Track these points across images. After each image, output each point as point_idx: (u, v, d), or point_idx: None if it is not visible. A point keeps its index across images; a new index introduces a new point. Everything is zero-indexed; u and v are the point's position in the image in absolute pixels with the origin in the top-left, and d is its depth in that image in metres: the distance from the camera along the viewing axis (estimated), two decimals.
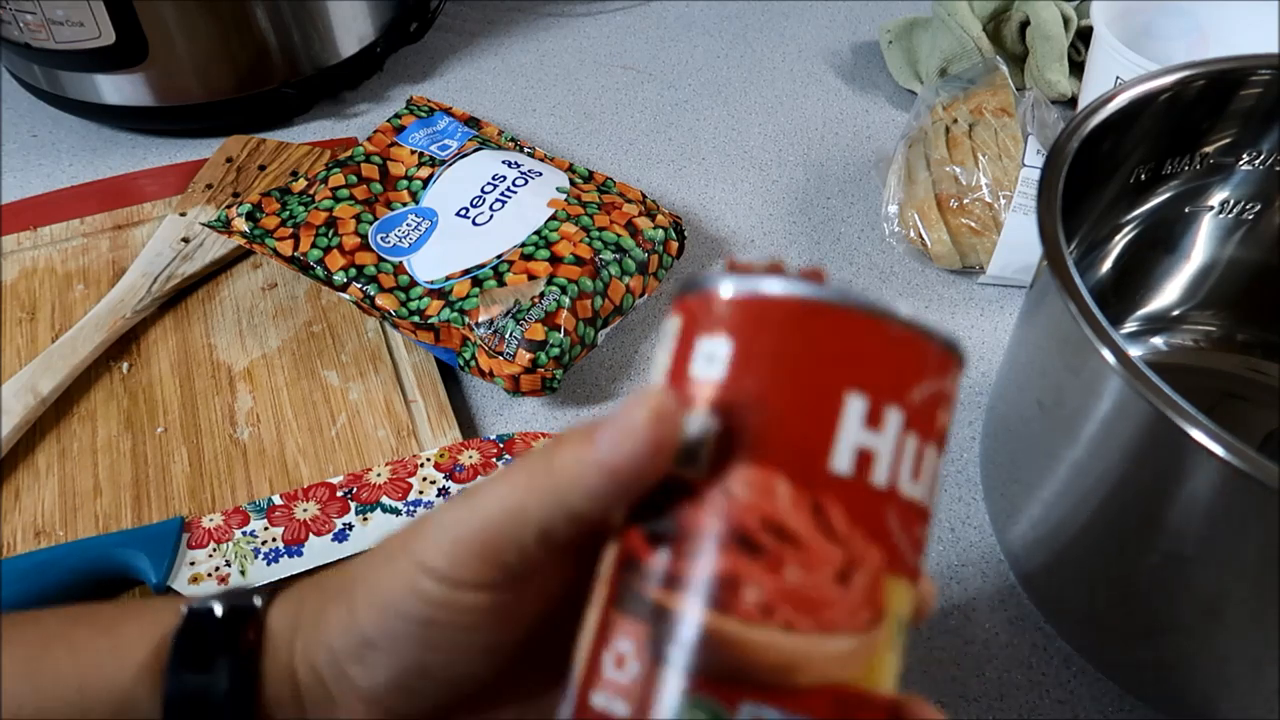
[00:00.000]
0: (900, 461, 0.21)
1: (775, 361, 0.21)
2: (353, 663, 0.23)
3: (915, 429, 0.21)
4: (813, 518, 0.20)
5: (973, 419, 0.51)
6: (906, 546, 0.21)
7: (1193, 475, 0.31)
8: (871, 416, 0.20)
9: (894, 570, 0.20)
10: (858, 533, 0.20)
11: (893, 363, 0.21)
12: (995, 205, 0.56)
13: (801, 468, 0.20)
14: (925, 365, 0.21)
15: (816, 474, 0.20)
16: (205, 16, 0.61)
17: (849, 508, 0.20)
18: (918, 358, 0.21)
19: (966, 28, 0.66)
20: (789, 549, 0.20)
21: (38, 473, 0.48)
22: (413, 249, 0.53)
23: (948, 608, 0.44)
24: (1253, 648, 0.34)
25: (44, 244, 0.59)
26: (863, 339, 0.21)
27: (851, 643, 0.20)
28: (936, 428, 0.21)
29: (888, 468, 0.20)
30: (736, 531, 0.20)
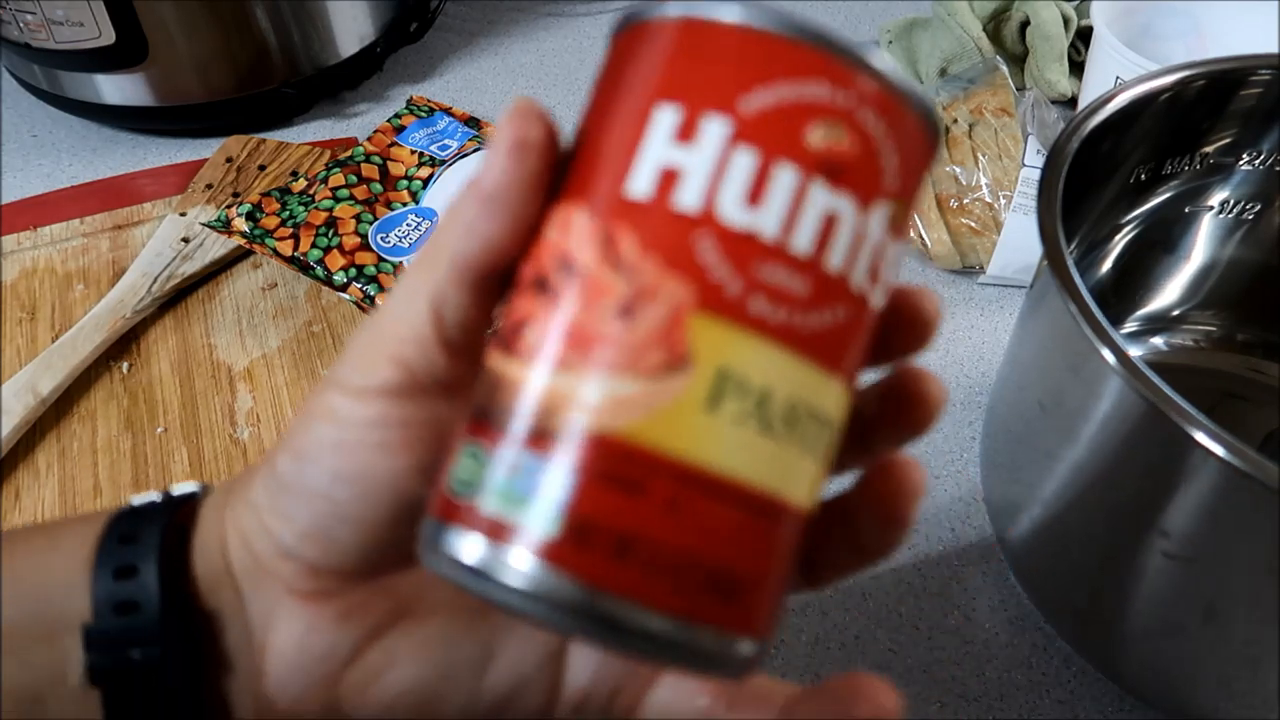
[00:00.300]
0: (721, 180, 0.17)
1: (599, 88, 0.19)
2: (272, 515, 0.22)
3: (753, 141, 0.17)
4: (600, 249, 0.17)
5: (973, 419, 0.51)
6: (741, 287, 0.17)
7: (1193, 475, 0.31)
8: (682, 129, 0.17)
9: (711, 309, 0.17)
10: (652, 264, 0.17)
11: (719, 61, 0.17)
12: (995, 205, 0.56)
13: (600, 198, 0.18)
14: (772, 67, 0.17)
15: (612, 202, 0.18)
16: (205, 16, 0.61)
17: (645, 236, 0.17)
18: (761, 58, 0.17)
19: (966, 28, 0.66)
20: (570, 282, 0.18)
21: (38, 473, 0.48)
22: (413, 249, 0.53)
23: (948, 608, 0.44)
24: (1253, 648, 0.34)
25: (44, 244, 0.59)
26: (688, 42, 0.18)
27: (629, 387, 0.17)
28: (803, 145, 0.17)
29: (700, 188, 0.17)
30: (537, 275, 0.18)
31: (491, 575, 0.17)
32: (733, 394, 0.17)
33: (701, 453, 0.17)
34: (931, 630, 0.43)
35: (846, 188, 0.17)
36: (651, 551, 0.17)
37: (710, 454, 0.17)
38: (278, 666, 0.23)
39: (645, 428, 0.17)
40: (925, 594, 0.44)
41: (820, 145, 0.17)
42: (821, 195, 0.17)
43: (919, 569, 0.45)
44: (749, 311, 0.17)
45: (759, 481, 0.17)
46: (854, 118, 0.17)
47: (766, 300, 0.17)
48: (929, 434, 0.50)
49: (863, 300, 0.18)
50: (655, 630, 0.17)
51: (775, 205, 0.17)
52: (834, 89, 0.17)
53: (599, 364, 0.17)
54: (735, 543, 0.17)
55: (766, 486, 0.17)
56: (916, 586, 0.45)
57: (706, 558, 0.17)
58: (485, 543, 0.17)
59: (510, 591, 0.17)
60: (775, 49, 0.17)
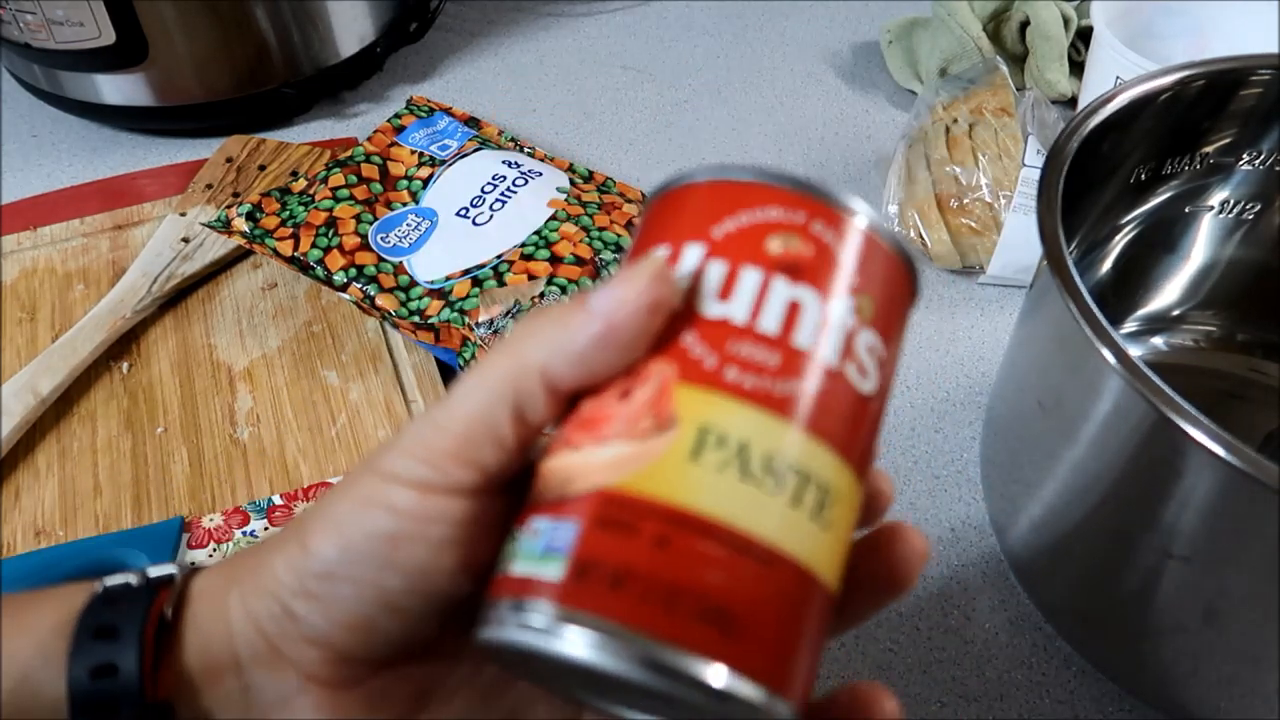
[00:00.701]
0: (699, 285, 0.21)
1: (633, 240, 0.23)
2: (302, 600, 0.21)
3: (721, 255, 0.21)
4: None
5: (973, 419, 0.51)
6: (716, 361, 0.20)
7: (1193, 475, 0.31)
8: (670, 258, 0.22)
9: (691, 380, 0.20)
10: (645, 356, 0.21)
11: (698, 208, 0.22)
12: (995, 205, 0.56)
13: None
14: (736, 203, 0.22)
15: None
16: (205, 16, 0.61)
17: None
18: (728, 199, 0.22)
19: (966, 28, 0.66)
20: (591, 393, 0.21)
21: (38, 473, 0.48)
22: (413, 249, 0.53)
23: (948, 608, 0.44)
24: (1253, 648, 0.34)
25: (44, 244, 0.59)
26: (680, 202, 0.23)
27: (624, 449, 0.20)
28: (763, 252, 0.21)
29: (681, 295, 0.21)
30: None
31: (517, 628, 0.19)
32: (713, 446, 0.20)
33: (687, 496, 0.19)
34: (931, 630, 0.43)
35: (805, 281, 0.21)
36: (645, 582, 0.19)
37: (694, 497, 0.19)
38: None
39: (637, 479, 0.19)
40: (925, 594, 0.44)
41: (778, 251, 0.21)
42: (783, 287, 0.21)
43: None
44: (725, 379, 0.20)
45: (745, 523, 0.19)
46: (806, 229, 0.21)
47: (739, 369, 0.20)
48: (929, 434, 0.50)
49: (839, 375, 0.21)
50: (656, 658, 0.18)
51: (743, 297, 0.21)
52: (785, 210, 0.21)
53: (602, 437, 0.20)
54: (723, 577, 0.19)
55: (753, 529, 0.19)
56: (916, 586, 0.44)
57: (696, 589, 0.19)
58: (512, 603, 0.20)
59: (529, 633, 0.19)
60: (735, 191, 0.22)
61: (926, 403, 0.52)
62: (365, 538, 0.21)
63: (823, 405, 0.21)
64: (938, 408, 0.52)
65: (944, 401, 0.52)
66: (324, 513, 0.22)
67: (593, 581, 0.19)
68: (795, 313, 0.21)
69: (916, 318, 0.56)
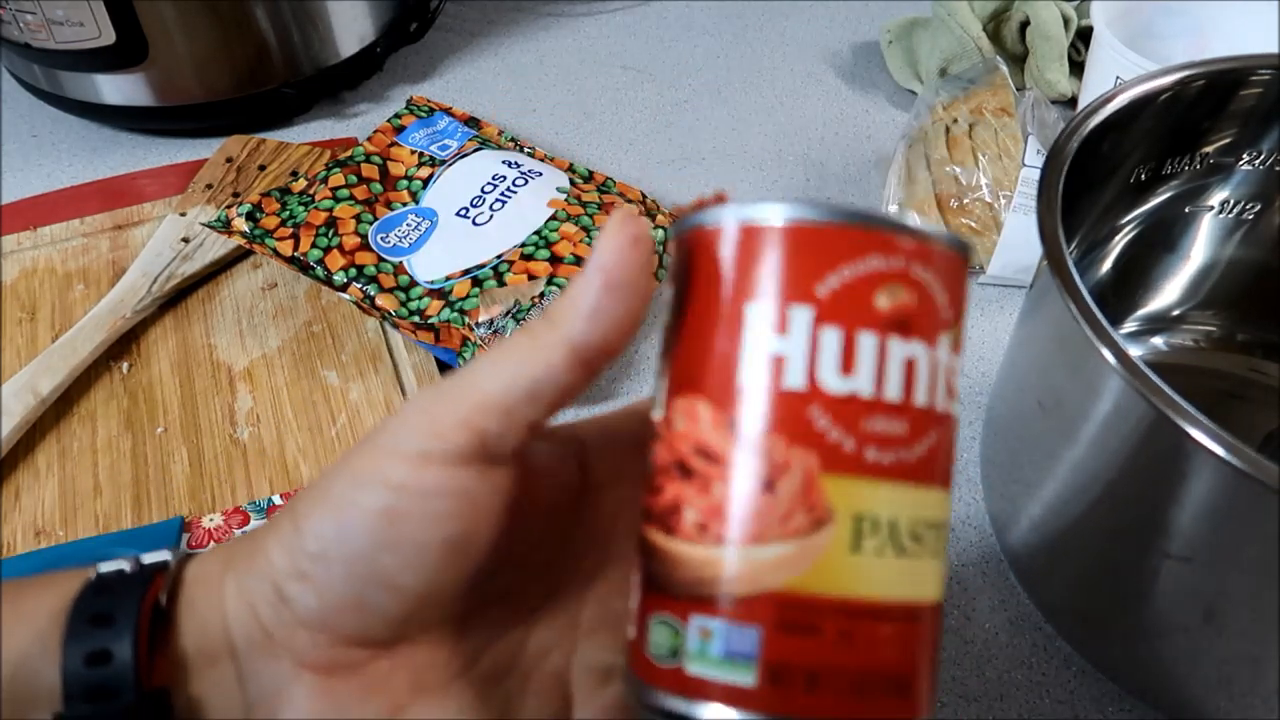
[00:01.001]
0: (818, 358, 0.20)
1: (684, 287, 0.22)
2: (296, 581, 0.21)
3: (835, 321, 0.20)
4: (732, 434, 0.21)
5: (973, 419, 0.51)
6: (854, 443, 0.20)
7: (1193, 475, 0.31)
8: (779, 324, 0.21)
9: (836, 469, 0.20)
10: (776, 440, 0.20)
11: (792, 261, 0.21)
12: (995, 205, 0.56)
13: (719, 389, 0.21)
14: (833, 255, 0.21)
15: (731, 391, 0.21)
16: (205, 16, 0.61)
17: (765, 417, 0.20)
18: (821, 249, 0.21)
19: (966, 28, 0.66)
20: (713, 468, 0.21)
21: (38, 473, 0.48)
22: (413, 249, 0.53)
23: (948, 608, 0.44)
24: (1253, 648, 0.34)
25: (44, 244, 0.59)
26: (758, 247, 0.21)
27: (787, 548, 0.20)
28: (875, 311, 0.20)
29: (802, 368, 0.20)
30: (677, 460, 0.21)
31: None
32: (869, 533, 0.20)
33: (857, 587, 0.20)
34: None
35: (916, 334, 0.21)
36: (837, 677, 0.20)
37: (863, 587, 0.20)
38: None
39: (807, 579, 0.20)
40: None
41: (887, 307, 0.21)
42: (899, 348, 0.21)
43: None
44: (867, 461, 0.20)
45: (906, 595, 0.21)
46: (908, 275, 0.21)
47: (877, 448, 0.20)
48: None
49: (947, 417, 0.21)
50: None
51: (865, 368, 0.20)
52: (885, 258, 0.21)
53: (756, 535, 0.20)
54: (899, 650, 0.20)
55: (911, 596, 0.21)
56: None
57: (881, 669, 0.20)
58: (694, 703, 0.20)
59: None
60: (829, 239, 0.21)
61: None
62: (360, 514, 0.21)
63: (942, 455, 0.21)
64: None
65: None
66: (318, 492, 0.22)
67: (788, 685, 0.20)
68: (913, 372, 0.21)
69: None
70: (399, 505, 0.21)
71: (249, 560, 0.22)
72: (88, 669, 0.21)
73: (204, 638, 0.22)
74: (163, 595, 0.22)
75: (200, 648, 0.22)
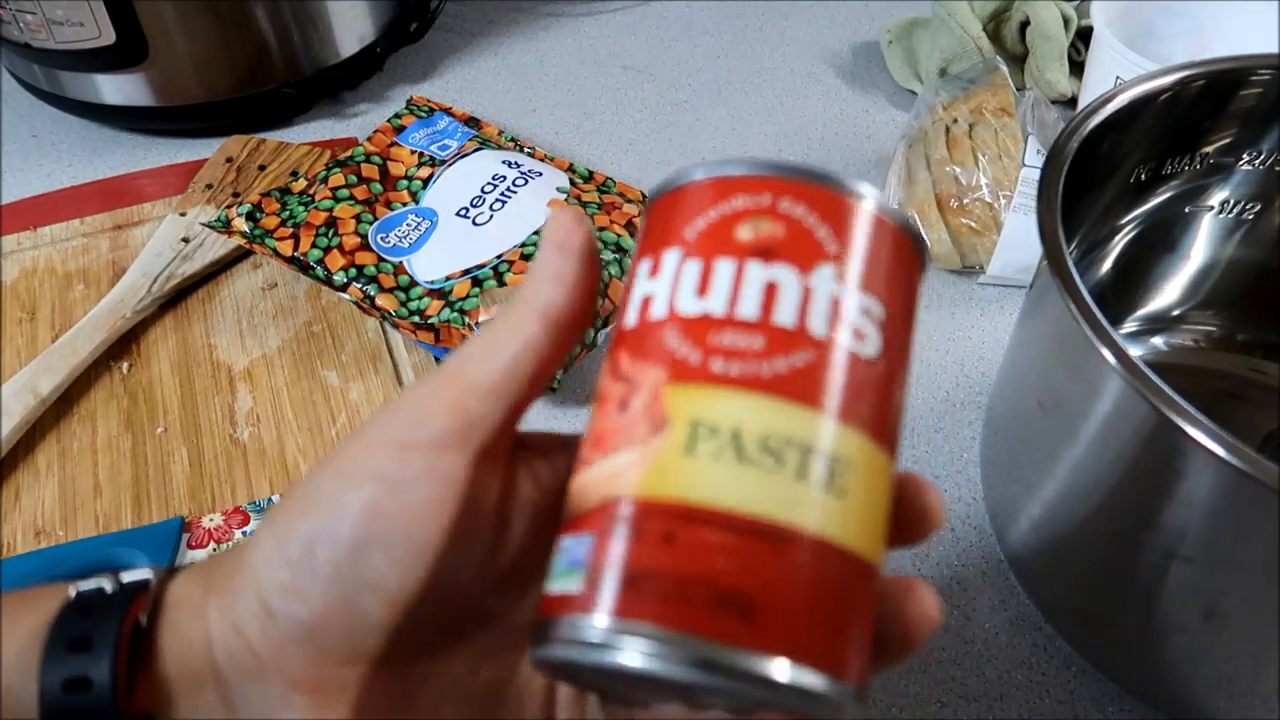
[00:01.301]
0: (678, 290, 0.21)
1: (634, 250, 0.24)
2: (280, 595, 0.20)
3: (697, 255, 0.21)
4: (609, 373, 0.22)
5: (973, 419, 0.51)
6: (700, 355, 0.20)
7: (1193, 475, 0.31)
8: (652, 268, 0.22)
9: (679, 379, 0.20)
10: (636, 365, 0.21)
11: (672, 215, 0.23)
12: (995, 205, 0.56)
13: (613, 336, 0.23)
14: (704, 202, 0.22)
15: (618, 336, 0.22)
16: (205, 16, 0.61)
17: (632, 350, 0.22)
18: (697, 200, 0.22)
19: (966, 28, 0.66)
20: (595, 405, 0.22)
21: (38, 473, 0.48)
22: (413, 249, 0.53)
23: (948, 607, 0.44)
24: (1253, 648, 0.34)
25: (44, 244, 0.59)
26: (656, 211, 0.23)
27: (627, 456, 0.20)
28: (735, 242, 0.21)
29: (665, 300, 0.21)
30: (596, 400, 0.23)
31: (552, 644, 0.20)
32: (706, 436, 0.20)
33: (686, 489, 0.19)
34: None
35: (781, 260, 0.21)
36: (657, 580, 0.19)
37: (693, 489, 0.19)
38: None
39: (639, 484, 0.20)
40: None
41: (749, 237, 0.21)
42: (758, 270, 0.21)
43: (919, 569, 0.45)
44: (711, 370, 0.20)
45: (747, 506, 0.19)
46: (774, 210, 0.21)
47: (724, 359, 0.20)
48: (929, 434, 0.50)
49: (829, 343, 0.21)
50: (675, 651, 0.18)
51: (719, 290, 0.21)
52: (750, 196, 0.22)
53: (606, 450, 0.21)
54: (734, 563, 0.19)
55: (757, 510, 0.19)
56: None
57: (707, 578, 0.19)
58: (547, 621, 0.20)
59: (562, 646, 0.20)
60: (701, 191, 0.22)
61: (926, 403, 0.52)
62: (343, 509, 0.20)
63: (816, 376, 0.20)
64: (938, 408, 0.52)
65: (944, 401, 0.52)
66: (300, 492, 0.21)
67: (609, 588, 0.19)
68: (774, 293, 0.21)
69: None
70: (384, 497, 0.20)
71: (230, 579, 0.21)
72: (66, 695, 0.20)
73: (188, 661, 0.21)
74: (143, 616, 0.21)
75: (184, 672, 0.21)
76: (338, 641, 0.20)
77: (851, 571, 0.20)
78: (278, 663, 0.20)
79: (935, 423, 0.51)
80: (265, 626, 0.20)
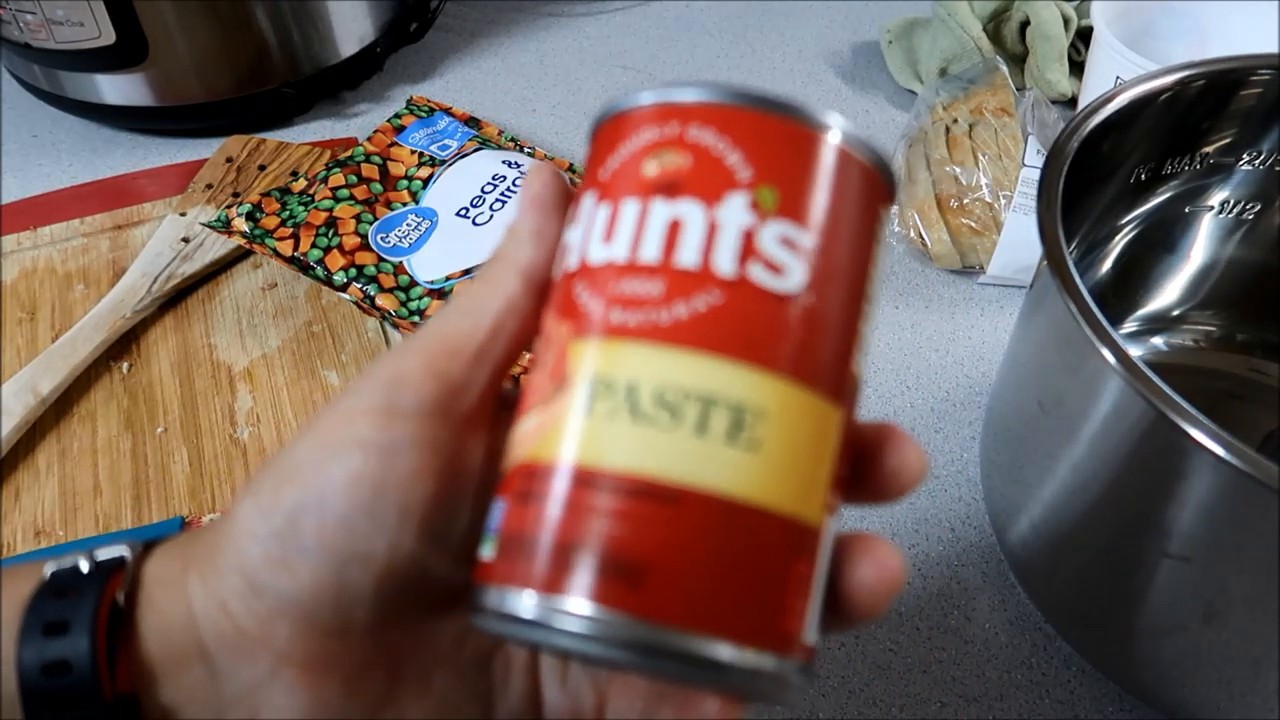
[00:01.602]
0: (589, 239, 0.20)
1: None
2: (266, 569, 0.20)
3: (606, 197, 0.20)
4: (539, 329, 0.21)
5: (973, 419, 0.51)
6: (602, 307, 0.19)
7: (1193, 475, 0.31)
8: (574, 215, 0.21)
9: (582, 334, 0.19)
10: (552, 321, 0.20)
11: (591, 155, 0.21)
12: (995, 205, 0.56)
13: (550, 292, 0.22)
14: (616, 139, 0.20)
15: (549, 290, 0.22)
16: (205, 16, 0.61)
17: (552, 305, 0.21)
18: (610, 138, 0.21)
19: (966, 28, 0.66)
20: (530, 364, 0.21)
21: (38, 473, 0.48)
22: (413, 249, 0.53)
23: (948, 608, 0.44)
24: (1253, 648, 0.34)
25: (44, 244, 0.59)
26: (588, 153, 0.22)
27: (536, 418, 0.20)
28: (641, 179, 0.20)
29: (578, 249, 0.20)
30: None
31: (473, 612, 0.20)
32: (603, 394, 0.19)
33: (579, 452, 0.19)
34: (931, 630, 0.43)
35: (685, 194, 0.19)
36: (546, 547, 0.18)
37: (587, 451, 0.18)
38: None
39: (540, 446, 0.19)
40: (925, 594, 0.44)
41: (654, 172, 0.19)
42: (661, 208, 0.19)
43: (919, 569, 0.45)
44: (611, 323, 0.19)
45: (639, 467, 0.18)
46: (681, 140, 0.20)
47: (623, 309, 0.19)
48: (929, 434, 0.50)
49: (739, 281, 0.19)
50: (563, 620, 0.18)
51: (623, 234, 0.19)
52: (656, 127, 0.20)
53: (523, 410, 0.20)
54: (623, 527, 0.18)
55: (649, 471, 0.18)
56: (916, 586, 0.45)
57: (593, 543, 0.18)
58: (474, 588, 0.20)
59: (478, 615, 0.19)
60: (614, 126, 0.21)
61: (926, 403, 0.52)
62: (330, 480, 0.20)
63: (720, 319, 0.19)
64: (938, 408, 0.52)
65: (944, 401, 0.52)
66: (281, 463, 0.20)
67: (509, 555, 0.19)
68: (676, 232, 0.19)
69: (917, 318, 0.56)
70: (370, 466, 0.20)
71: (212, 555, 0.21)
72: (46, 679, 0.20)
73: (170, 639, 0.20)
74: (120, 595, 0.21)
75: (167, 650, 0.20)
76: (327, 615, 0.20)
77: (771, 531, 0.18)
78: (265, 638, 0.20)
79: (935, 423, 0.51)
80: (250, 602, 0.20)
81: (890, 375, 0.53)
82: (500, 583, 0.19)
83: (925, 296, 0.58)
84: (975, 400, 0.52)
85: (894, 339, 0.55)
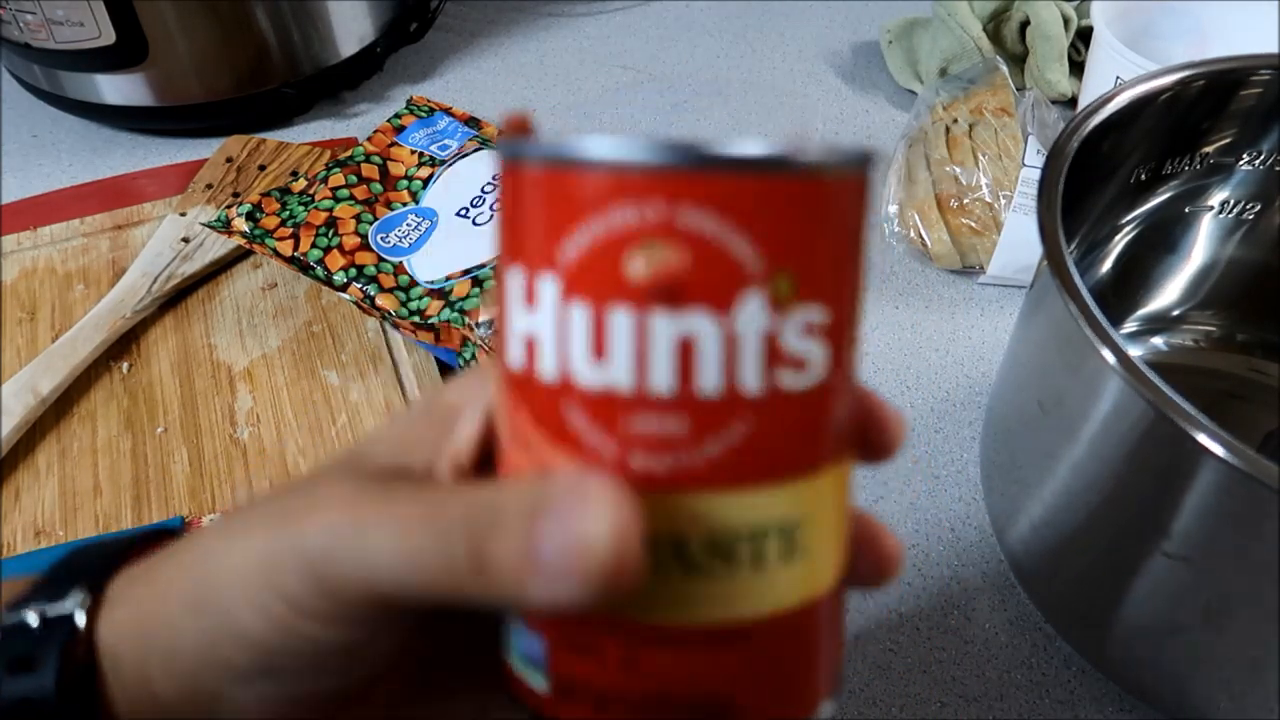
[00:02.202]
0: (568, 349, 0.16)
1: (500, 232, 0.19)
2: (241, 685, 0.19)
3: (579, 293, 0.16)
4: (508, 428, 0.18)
5: (973, 419, 0.51)
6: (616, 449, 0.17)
7: (1193, 475, 0.31)
8: (527, 292, 0.17)
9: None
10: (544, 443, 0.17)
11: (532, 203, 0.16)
12: (995, 205, 0.56)
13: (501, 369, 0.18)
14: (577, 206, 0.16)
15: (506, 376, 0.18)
16: (205, 16, 0.61)
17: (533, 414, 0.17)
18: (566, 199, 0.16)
19: (966, 28, 0.66)
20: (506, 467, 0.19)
21: (38, 473, 0.48)
22: (413, 249, 0.53)
23: (948, 608, 0.44)
24: (1253, 649, 0.34)
25: (44, 244, 0.59)
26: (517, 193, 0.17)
27: None
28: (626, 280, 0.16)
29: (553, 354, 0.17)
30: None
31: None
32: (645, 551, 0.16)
33: (637, 613, 0.17)
34: (931, 631, 0.43)
35: (693, 303, 0.16)
36: (625, 703, 0.18)
37: (644, 611, 0.17)
38: None
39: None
40: (925, 594, 0.44)
41: (644, 273, 0.16)
42: (665, 325, 0.16)
43: (919, 569, 0.45)
44: (634, 471, 0.16)
45: (702, 617, 0.17)
46: (671, 227, 0.16)
47: (645, 453, 0.16)
48: (929, 434, 0.50)
49: (768, 396, 0.16)
50: None
51: (620, 353, 0.16)
52: (635, 205, 0.16)
53: None
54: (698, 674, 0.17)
55: (714, 618, 0.17)
56: (916, 586, 0.45)
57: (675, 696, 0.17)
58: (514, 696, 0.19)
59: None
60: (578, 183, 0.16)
61: (926, 403, 0.52)
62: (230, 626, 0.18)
63: (757, 445, 0.17)
64: (938, 408, 0.52)
65: (944, 401, 0.52)
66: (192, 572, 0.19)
67: (578, 702, 0.18)
68: (690, 354, 0.16)
69: (917, 318, 0.56)
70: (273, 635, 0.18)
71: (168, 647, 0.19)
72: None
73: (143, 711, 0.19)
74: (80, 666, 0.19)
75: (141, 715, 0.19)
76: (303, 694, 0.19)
77: (825, 607, 0.18)
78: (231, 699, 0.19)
79: (935, 423, 0.51)
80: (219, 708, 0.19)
81: (890, 375, 0.53)
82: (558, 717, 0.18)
83: (925, 296, 0.58)
84: (975, 400, 0.52)
85: (894, 339, 0.55)
